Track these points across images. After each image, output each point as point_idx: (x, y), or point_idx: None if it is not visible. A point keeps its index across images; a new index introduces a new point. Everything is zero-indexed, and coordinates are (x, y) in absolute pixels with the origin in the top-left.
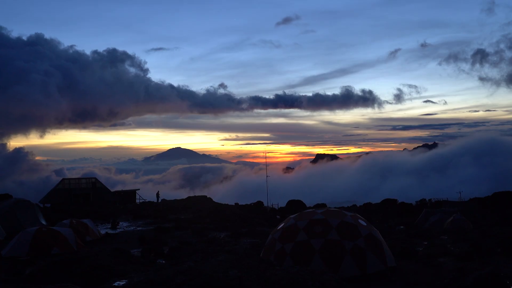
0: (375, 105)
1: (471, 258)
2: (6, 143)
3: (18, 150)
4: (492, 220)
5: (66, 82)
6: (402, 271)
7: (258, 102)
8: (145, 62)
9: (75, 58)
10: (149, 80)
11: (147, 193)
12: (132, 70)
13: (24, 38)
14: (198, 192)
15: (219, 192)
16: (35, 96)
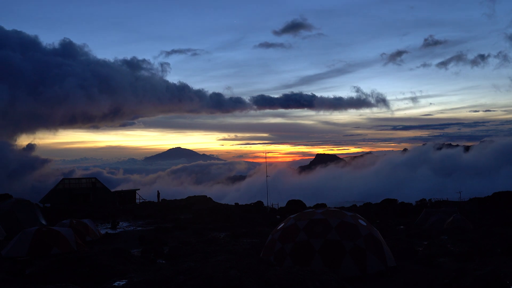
0: (375, 105)
1: (471, 258)
2: (34, 144)
3: (45, 160)
4: (492, 220)
5: (90, 86)
6: (402, 271)
7: (257, 102)
8: (162, 64)
9: (99, 64)
10: (166, 81)
11: (149, 193)
12: (150, 72)
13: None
14: (198, 192)
15: (220, 192)
16: (59, 98)
